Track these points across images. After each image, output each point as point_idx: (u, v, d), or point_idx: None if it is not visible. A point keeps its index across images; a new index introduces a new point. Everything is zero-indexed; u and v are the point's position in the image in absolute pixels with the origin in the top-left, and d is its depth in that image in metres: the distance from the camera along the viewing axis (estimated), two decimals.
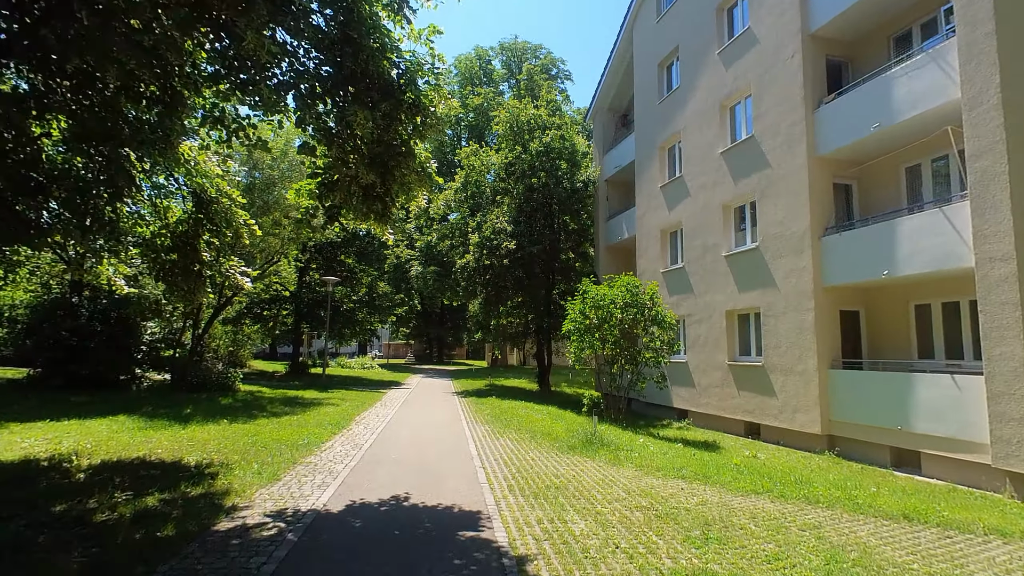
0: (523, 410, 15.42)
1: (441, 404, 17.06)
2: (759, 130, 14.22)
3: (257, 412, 12.93)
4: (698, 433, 15.00)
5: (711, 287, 15.92)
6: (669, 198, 18.39)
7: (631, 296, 14.43)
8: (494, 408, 15.74)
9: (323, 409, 14.04)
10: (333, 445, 9.23)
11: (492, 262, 21.18)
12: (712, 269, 15.90)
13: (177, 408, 12.96)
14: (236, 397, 15.89)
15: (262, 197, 16.90)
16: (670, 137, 18.66)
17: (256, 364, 34.11)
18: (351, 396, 18.03)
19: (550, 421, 12.92)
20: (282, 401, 15.43)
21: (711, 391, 15.69)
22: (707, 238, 16.21)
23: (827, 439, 12.05)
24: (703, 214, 16.47)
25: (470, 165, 24.78)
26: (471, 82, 44.63)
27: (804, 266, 12.59)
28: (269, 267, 18.66)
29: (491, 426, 12.09)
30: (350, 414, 13.27)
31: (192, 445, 8.54)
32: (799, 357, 12.60)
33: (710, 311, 15.92)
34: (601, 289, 14.93)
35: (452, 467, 7.76)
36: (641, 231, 20.09)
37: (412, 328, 62.46)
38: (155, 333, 17.82)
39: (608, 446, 9.06)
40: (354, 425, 11.63)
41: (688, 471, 7.64)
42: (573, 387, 27.98)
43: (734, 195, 15.18)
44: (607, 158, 24.10)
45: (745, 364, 14.49)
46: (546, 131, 23.36)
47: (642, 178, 20.26)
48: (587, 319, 14.76)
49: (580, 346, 15.10)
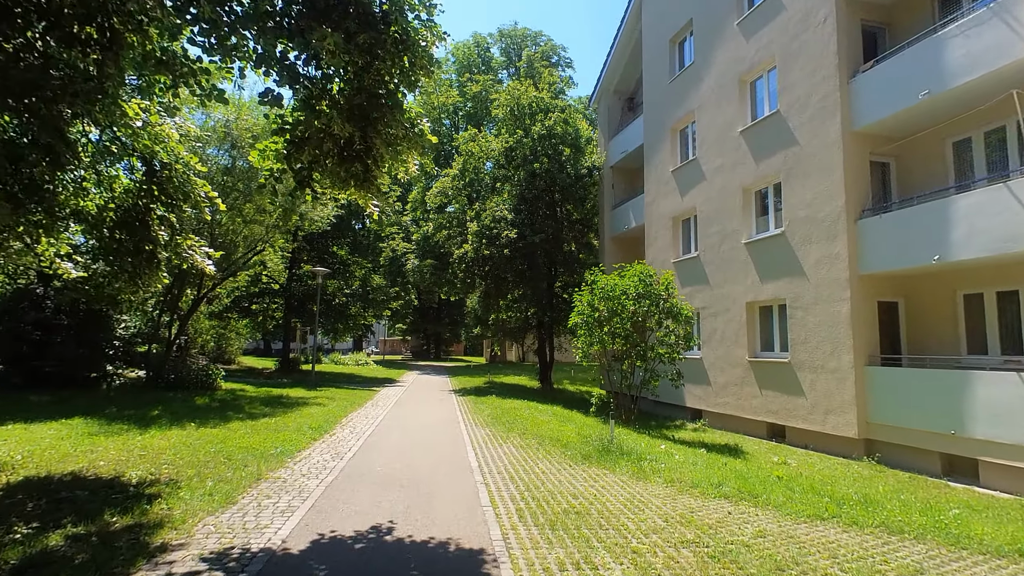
0: (526, 410, 14.21)
1: (437, 404, 15.86)
2: (785, 105, 13.00)
3: (233, 413, 11.70)
4: (716, 435, 13.82)
5: (729, 277, 14.72)
6: (682, 183, 17.17)
7: (644, 286, 13.22)
8: (494, 408, 14.54)
9: (307, 410, 12.81)
10: (310, 454, 8.01)
11: (492, 252, 19.94)
12: (730, 258, 14.70)
13: (144, 409, 11.73)
14: (215, 396, 14.64)
15: (244, 180, 15.60)
16: (683, 118, 17.42)
17: (246, 360, 32.84)
18: (340, 395, 16.80)
19: (557, 423, 11.72)
20: (264, 401, 14.20)
21: (729, 390, 14.50)
22: (725, 224, 15.00)
23: (864, 444, 10.87)
24: (720, 199, 15.25)
25: (468, 151, 23.50)
26: (469, 70, 43.28)
27: (837, 252, 11.39)
28: (253, 255, 17.40)
29: (492, 429, 10.89)
30: (336, 416, 12.05)
31: (143, 456, 7.30)
32: (831, 353, 11.41)
33: (728, 303, 14.72)
34: (611, 279, 13.71)
35: (448, 484, 6.54)
36: (650, 219, 18.87)
37: (409, 324, 61.19)
38: (130, 327, 16.54)
39: (628, 455, 7.86)
40: (338, 429, 10.40)
41: (729, 487, 6.44)
42: (576, 384, 26.81)
43: (755, 177, 13.96)
44: (613, 143, 22.85)
45: (768, 361, 13.30)
46: (548, 114, 22.10)
47: (651, 163, 19.03)
48: (596, 312, 13.55)
49: (588, 341, 13.90)
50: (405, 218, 46.08)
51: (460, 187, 23.42)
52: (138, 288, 7.33)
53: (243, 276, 19.49)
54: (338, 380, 23.39)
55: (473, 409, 14.43)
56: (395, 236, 43.61)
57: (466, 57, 45.19)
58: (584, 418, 13.72)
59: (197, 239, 7.50)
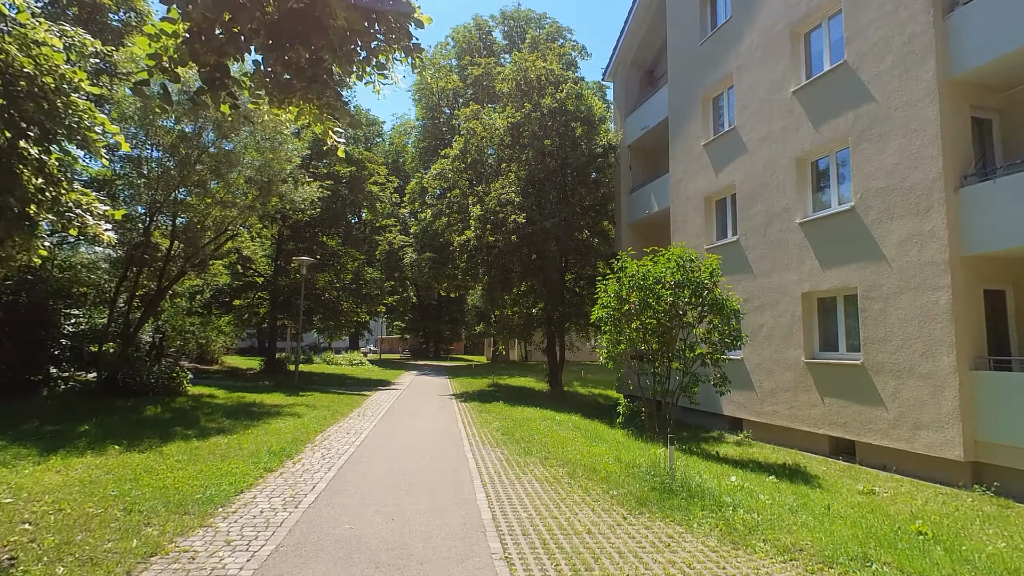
0: (541, 421, 11.99)
1: (436, 412, 13.63)
2: (854, 54, 10.77)
3: (181, 429, 9.48)
4: (766, 451, 11.63)
5: (778, 264, 12.51)
6: (716, 158, 14.94)
7: (683, 273, 11.00)
8: (504, 418, 12.32)
9: (277, 423, 10.58)
10: (254, 498, 5.70)
11: (497, 239, 17.71)
12: (780, 241, 12.48)
13: (75, 423, 9.52)
14: (173, 404, 12.42)
15: (214, 158, 13.32)
16: (717, 83, 15.19)
17: (231, 360, 30.63)
18: (323, 402, 14.58)
19: (584, 441, 9.48)
20: (229, 410, 11.97)
21: (778, 397, 12.30)
22: (772, 202, 12.78)
23: (971, 468, 8.65)
24: (766, 173, 13.03)
25: (470, 130, 21.24)
26: (470, 53, 40.97)
27: (931, 229, 9.17)
28: (224, 240, 15.17)
29: (504, 450, 8.66)
30: (310, 431, 9.81)
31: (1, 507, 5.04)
32: (923, 353, 9.19)
33: (777, 295, 12.51)
34: (643, 265, 11.49)
35: (450, 561, 4.27)
36: (677, 201, 16.64)
37: (408, 322, 59.00)
38: (80, 323, 14.33)
39: (699, 496, 5.62)
40: (307, 452, 8.14)
41: (875, 560, 4.22)
42: (587, 387, 24.61)
43: (813, 144, 11.73)
44: (630, 121, 20.61)
45: (832, 363, 11.10)
46: (559, 87, 19.84)
47: (678, 137, 16.79)
48: (625, 304, 11.33)
49: (615, 339, 11.68)
50: (403, 210, 43.81)
51: (461, 169, 21.16)
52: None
53: (218, 266, 17.28)
54: (326, 383, 21.18)
55: (478, 419, 12.22)
56: (392, 228, 41.39)
57: (466, 40, 42.84)
58: (612, 432, 11.51)
59: (90, 193, 5.25)
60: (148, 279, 14.43)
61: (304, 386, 18.84)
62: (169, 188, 12.77)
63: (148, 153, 12.92)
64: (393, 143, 49.80)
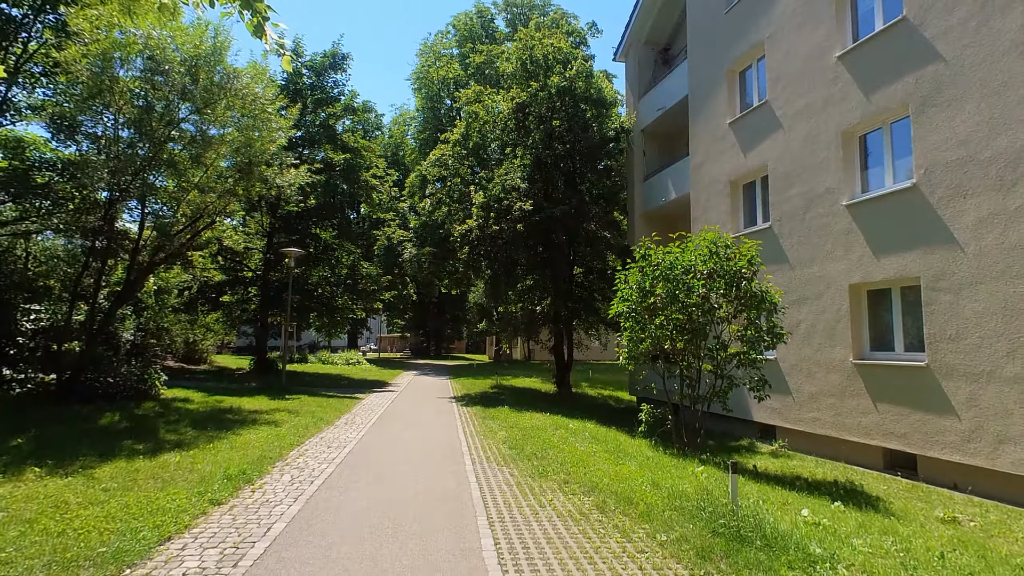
0: (553, 430, 10.57)
1: (434, 419, 12.21)
2: (916, 8, 9.34)
3: (132, 443, 8.06)
4: (808, 464, 10.24)
5: (820, 253, 11.08)
6: (744, 137, 13.50)
7: (717, 262, 9.56)
8: (511, 426, 10.90)
9: (249, 433, 9.13)
10: (179, 553, 4.21)
11: (501, 228, 16.27)
12: (822, 227, 11.06)
13: (11, 435, 8.11)
14: (136, 411, 10.98)
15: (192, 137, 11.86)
16: (745, 54, 13.75)
17: (221, 360, 29.23)
18: (310, 406, 13.16)
19: (608, 457, 8.04)
20: (199, 418, 10.55)
21: (821, 402, 10.88)
22: (812, 183, 11.35)
23: None
24: (805, 150, 11.60)
25: (472, 114, 19.78)
26: (471, 40, 39.53)
27: (1020, 207, 7.72)
28: (201, 228, 13.69)
29: (515, 470, 7.20)
30: (284, 445, 8.37)
31: None
32: (1009, 354, 7.76)
33: (818, 287, 11.09)
34: (670, 253, 10.06)
35: None
36: (698, 186, 15.20)
37: (408, 320, 57.59)
38: (42, 319, 12.92)
39: (779, 546, 4.18)
40: (274, 475, 6.64)
41: None
42: (596, 388, 23.20)
43: (864, 115, 10.29)
44: (644, 103, 19.18)
45: (887, 364, 9.67)
46: (568, 65, 18.39)
47: (699, 117, 15.36)
48: (649, 297, 9.90)
49: (637, 337, 10.26)
50: (402, 204, 42.36)
51: (462, 155, 19.71)
52: None
53: (198, 258, 15.82)
54: (317, 384, 19.78)
55: (482, 429, 10.79)
56: (391, 223, 39.98)
57: (467, 28, 41.43)
58: (636, 444, 10.09)
59: None
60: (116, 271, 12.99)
61: (292, 388, 17.44)
62: (138, 169, 11.34)
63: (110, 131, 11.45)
64: (392, 136, 48.39)
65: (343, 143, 23.76)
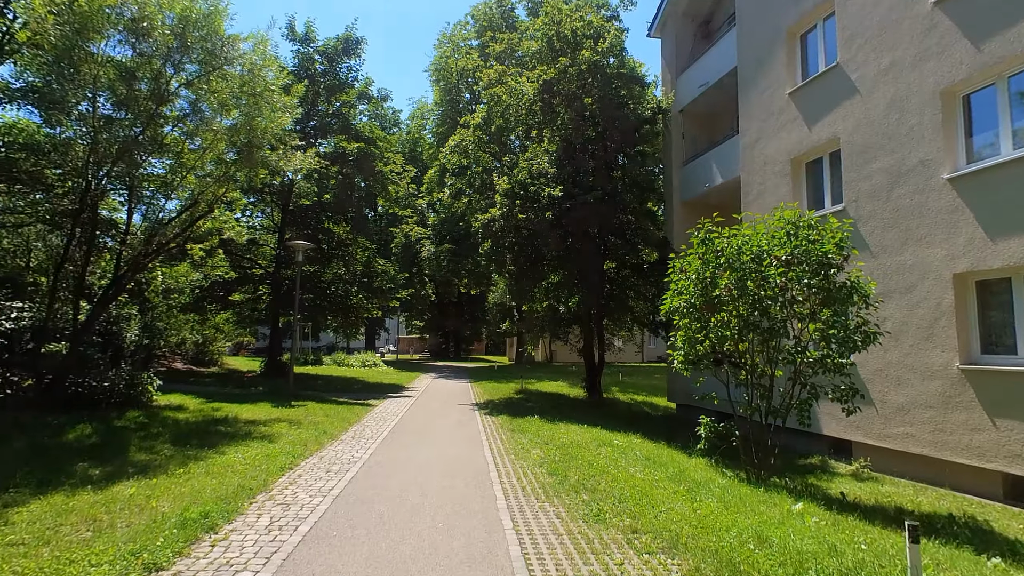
0: (596, 447, 8.96)
1: (455, 431, 10.67)
2: None
3: (88, 466, 6.61)
4: (904, 490, 8.52)
5: (912, 237, 9.31)
6: (808, 107, 11.76)
7: (796, 245, 7.86)
8: (545, 442, 9.30)
9: (234, 452, 7.61)
10: None
11: (528, 217, 14.68)
12: (914, 207, 9.29)
13: None
14: (116, 421, 9.61)
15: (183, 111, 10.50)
16: (809, 13, 12.01)
17: (233, 362, 28.13)
18: (316, 415, 11.72)
19: (679, 491, 6.20)
20: (184, 431, 9.13)
21: (914, 415, 9.11)
22: (900, 156, 9.59)
23: None
24: (889, 117, 9.84)
25: (493, 96, 18.23)
26: (491, 29, 38.04)
27: None
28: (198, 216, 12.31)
29: (561, 509, 5.52)
30: (273, 469, 6.85)
31: None
32: None
33: (911, 277, 9.32)
34: (736, 235, 8.40)
35: None
36: (751, 167, 13.47)
37: (426, 321, 56.35)
38: (23, 317, 11.70)
39: None
40: (248, 516, 5.02)
41: None
42: (628, 393, 21.47)
43: (972, 69, 8.52)
44: (683, 80, 17.49)
45: (1007, 370, 7.88)
46: (600, 39, 16.77)
47: (751, 90, 13.64)
48: (714, 289, 8.24)
49: (692, 338, 8.62)
50: (420, 201, 41.06)
51: (484, 141, 18.18)
52: None
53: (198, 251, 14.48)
54: (329, 388, 18.44)
55: (512, 445, 9.19)
56: (408, 220, 38.71)
57: (487, 18, 39.96)
58: (695, 464, 8.45)
59: None
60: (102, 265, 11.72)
61: (301, 392, 16.08)
62: (122, 150, 10.03)
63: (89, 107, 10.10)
64: (410, 131, 47.18)
65: (357, 132, 22.43)
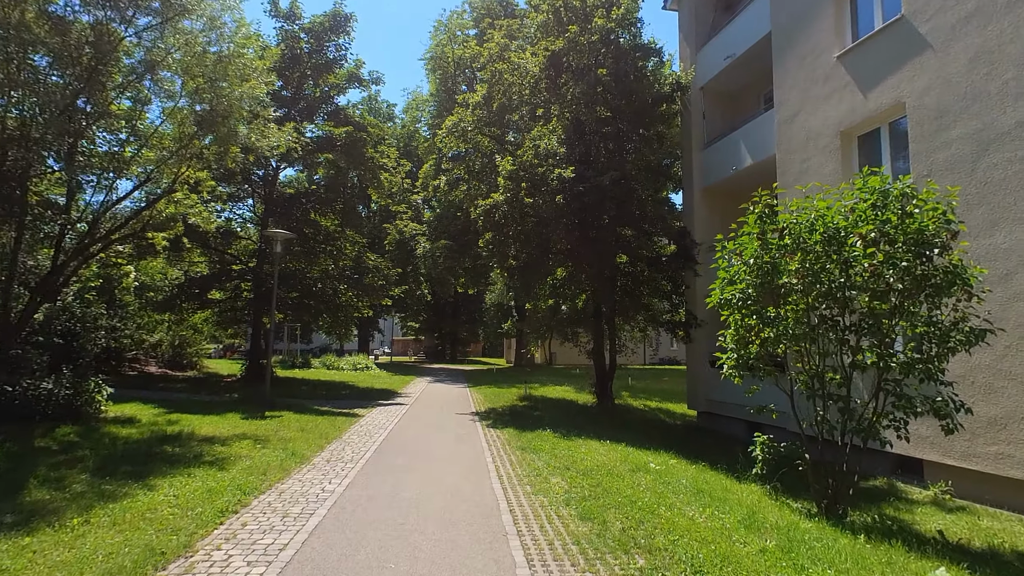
0: (630, 472, 7.26)
1: (454, 451, 8.92)
2: None
3: None
4: (1011, 525, 6.89)
5: (1007, 216, 7.72)
6: (864, 70, 10.15)
7: (883, 219, 6.20)
8: (566, 466, 7.56)
9: (168, 487, 5.72)
10: None
11: (536, 202, 13.00)
12: (1008, 180, 7.70)
13: None
14: (37, 441, 7.80)
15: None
16: None
17: (214, 365, 26.28)
18: (289, 428, 9.97)
19: (769, 551, 4.38)
20: (120, 454, 7.30)
21: (1012, 431, 7.52)
22: (988, 119, 7.99)
23: None
24: (972, 74, 8.23)
25: (495, 73, 16.55)
26: (489, 17, 36.42)
27: None
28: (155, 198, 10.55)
29: None
30: (211, 513, 4.94)
31: None
32: None
33: (1007, 264, 7.73)
34: (807, 208, 6.74)
35: None
36: (789, 144, 11.86)
37: (422, 322, 54.58)
38: None
39: None
40: None
41: None
42: (639, 398, 19.79)
43: None
44: (703, 55, 15.89)
45: None
46: (615, 6, 15.13)
47: (789, 57, 12.03)
48: (780, 276, 6.59)
49: (744, 337, 6.97)
50: (416, 196, 39.32)
51: (486, 121, 16.49)
52: None
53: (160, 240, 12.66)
54: (314, 394, 16.70)
55: (526, 471, 7.44)
56: (403, 216, 36.99)
57: (484, 6, 38.37)
58: (754, 495, 6.78)
59: None
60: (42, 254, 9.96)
61: (281, 400, 14.33)
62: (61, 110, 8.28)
63: None
64: (405, 126, 45.49)
65: (346, 115, 20.70)
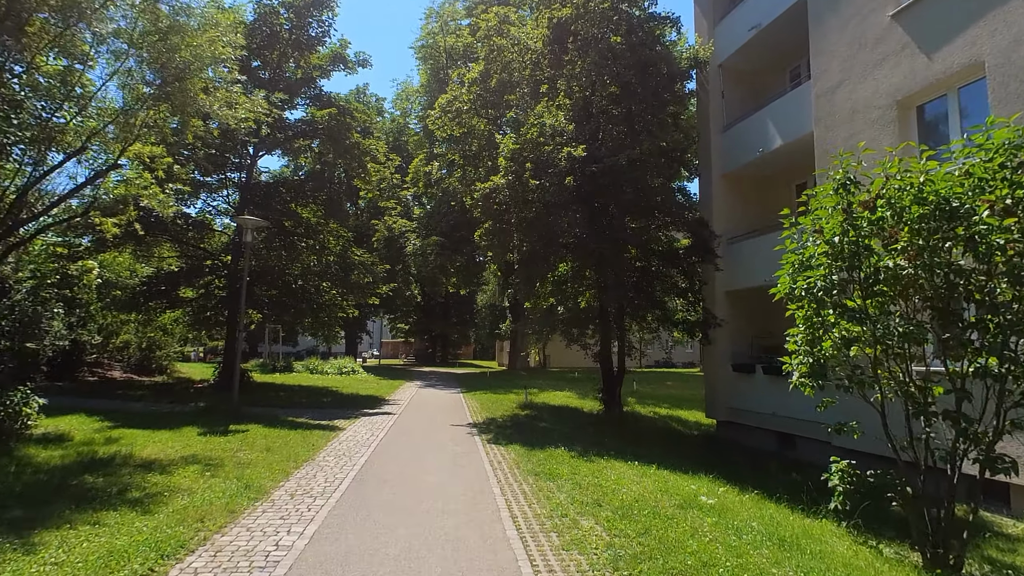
0: (679, 509, 5.74)
1: (450, 479, 7.27)
2: None
3: None
4: None
5: None
6: (926, 29, 8.74)
7: (1015, 182, 4.71)
8: (596, 501, 5.98)
9: (58, 548, 4.15)
10: None
11: (542, 184, 11.45)
12: None
13: None
14: None
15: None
16: None
17: (186, 369, 24.46)
18: (253, 447, 8.33)
19: None
20: (19, 491, 5.56)
21: None
22: None
23: None
24: None
25: (495, 48, 15.00)
26: (483, 3, 34.92)
27: None
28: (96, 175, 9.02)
29: None
30: None
31: None
32: None
33: None
34: (911, 172, 5.24)
35: None
36: (830, 119, 10.45)
37: (412, 324, 52.83)
38: None
39: None
40: None
41: None
42: (647, 405, 18.30)
43: None
44: (722, 28, 14.47)
45: None
46: None
47: (828, 21, 10.62)
48: (871, 257, 5.10)
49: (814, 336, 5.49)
50: (405, 192, 37.68)
51: (482, 102, 14.94)
52: None
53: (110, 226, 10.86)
54: (291, 403, 15.04)
55: (546, 511, 5.81)
56: (392, 212, 35.34)
57: None
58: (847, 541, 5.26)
59: None
60: None
61: (252, 410, 12.68)
62: None
63: None
64: (395, 120, 43.84)
65: (329, 98, 19.07)
